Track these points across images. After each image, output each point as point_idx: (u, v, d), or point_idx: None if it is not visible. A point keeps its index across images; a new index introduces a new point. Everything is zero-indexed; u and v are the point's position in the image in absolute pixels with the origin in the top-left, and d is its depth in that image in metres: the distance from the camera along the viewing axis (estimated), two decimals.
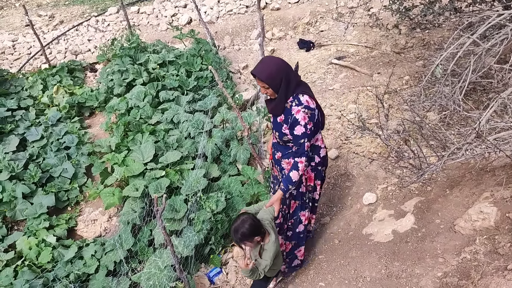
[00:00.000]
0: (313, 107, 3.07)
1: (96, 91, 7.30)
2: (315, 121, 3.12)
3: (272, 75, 2.97)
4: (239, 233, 2.90)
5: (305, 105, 3.01)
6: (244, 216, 2.96)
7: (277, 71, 2.97)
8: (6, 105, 6.83)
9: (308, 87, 3.18)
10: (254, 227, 2.93)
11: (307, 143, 3.09)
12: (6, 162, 5.70)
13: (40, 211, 5.33)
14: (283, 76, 2.98)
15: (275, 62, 3.02)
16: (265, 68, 2.99)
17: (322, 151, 3.43)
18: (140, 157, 5.35)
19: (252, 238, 2.93)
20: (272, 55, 3.11)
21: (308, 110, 3.01)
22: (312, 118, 3.06)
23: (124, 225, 4.85)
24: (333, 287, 3.71)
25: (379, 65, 6.88)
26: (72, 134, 6.45)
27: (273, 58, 3.08)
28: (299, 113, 3.00)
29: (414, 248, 3.66)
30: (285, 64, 3.03)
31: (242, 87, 7.23)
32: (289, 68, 3.04)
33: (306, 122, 3.01)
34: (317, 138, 3.37)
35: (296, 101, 3.04)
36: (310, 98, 3.07)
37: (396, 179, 4.48)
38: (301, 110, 3.00)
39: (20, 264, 4.75)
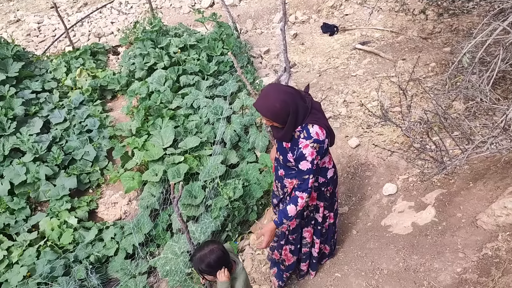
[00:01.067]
0: (323, 139, 2.79)
1: (118, 74, 7.34)
2: (323, 151, 2.90)
3: (277, 112, 2.70)
4: (204, 263, 2.60)
5: (314, 138, 2.75)
6: (214, 245, 2.65)
7: (282, 108, 2.68)
8: (31, 88, 6.93)
9: (320, 111, 2.91)
10: (221, 260, 2.63)
11: (312, 180, 2.85)
12: (30, 144, 5.81)
13: (63, 193, 5.44)
14: (289, 110, 2.69)
15: (278, 98, 2.68)
16: (269, 105, 2.70)
17: (329, 172, 3.21)
18: (159, 142, 5.37)
19: (215, 270, 2.63)
20: (275, 85, 2.90)
21: (317, 144, 2.76)
22: (320, 151, 2.82)
23: (143, 209, 4.91)
24: (349, 278, 3.68)
25: (405, 51, 6.68)
26: (94, 117, 6.53)
27: (276, 92, 2.72)
28: (307, 148, 2.76)
29: (434, 241, 3.58)
30: (291, 97, 2.70)
31: (263, 72, 7.15)
32: (297, 99, 2.72)
33: (313, 158, 2.78)
34: (324, 161, 3.15)
35: (305, 132, 2.78)
36: (320, 128, 2.78)
37: (418, 170, 4.38)
38: (309, 145, 2.75)
39: (42, 245, 4.88)
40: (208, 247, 2.62)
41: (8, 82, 6.78)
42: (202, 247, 2.65)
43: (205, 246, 2.64)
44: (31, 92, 6.83)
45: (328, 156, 3.19)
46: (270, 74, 6.94)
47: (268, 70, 7.27)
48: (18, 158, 5.75)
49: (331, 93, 6.21)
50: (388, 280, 3.48)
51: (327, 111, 5.75)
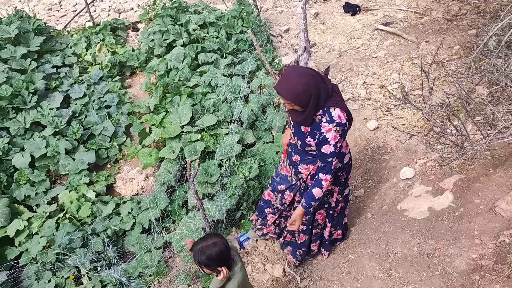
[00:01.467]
0: (344, 122, 2.75)
1: (137, 51, 7.35)
2: (345, 135, 2.86)
3: (299, 94, 2.65)
4: (205, 254, 2.48)
5: (337, 122, 2.70)
6: (218, 238, 2.54)
7: (305, 91, 2.63)
8: (51, 62, 7.00)
9: (338, 94, 2.85)
10: (223, 255, 2.52)
11: (335, 162, 2.84)
12: (51, 118, 5.89)
13: (81, 167, 5.52)
14: (312, 93, 2.64)
15: (300, 80, 2.63)
16: (290, 88, 2.65)
17: (346, 157, 3.20)
18: (177, 120, 5.39)
19: (215, 266, 2.53)
20: (297, 67, 2.79)
21: (339, 128, 2.72)
22: (343, 134, 2.78)
23: (159, 186, 4.96)
24: (362, 261, 3.68)
25: (428, 33, 6.52)
26: (113, 93, 6.57)
27: (298, 75, 2.66)
28: (330, 132, 2.71)
29: (450, 227, 3.55)
30: (312, 78, 2.65)
31: (283, 51, 7.07)
32: (319, 82, 2.67)
33: (336, 141, 2.74)
34: (342, 145, 3.07)
35: (327, 116, 2.73)
36: (341, 111, 2.74)
37: (437, 155, 4.31)
38: (332, 129, 2.70)
39: (61, 217, 4.98)
40: (211, 239, 2.52)
41: (30, 56, 6.85)
42: (205, 238, 2.56)
43: (209, 237, 2.55)
44: (52, 66, 6.89)
45: (345, 141, 3.17)
46: (289, 54, 6.85)
47: (288, 49, 7.18)
48: (39, 132, 5.84)
49: (351, 75, 6.12)
50: (401, 263, 3.47)
51: (346, 93, 5.68)
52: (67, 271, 4.40)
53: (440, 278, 3.21)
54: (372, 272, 3.53)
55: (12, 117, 5.95)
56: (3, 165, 5.47)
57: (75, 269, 4.44)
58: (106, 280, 4.24)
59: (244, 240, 4.35)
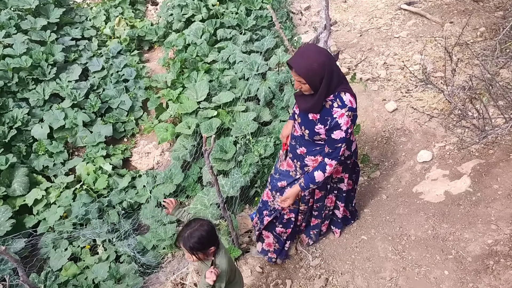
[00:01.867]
0: (355, 107, 2.71)
1: (156, 25, 7.31)
2: (355, 121, 2.81)
3: (313, 72, 2.56)
4: (196, 237, 2.42)
5: (349, 106, 2.65)
6: (201, 220, 2.51)
7: (319, 69, 2.55)
8: (71, 34, 7.01)
9: (346, 80, 2.78)
10: (212, 234, 2.48)
11: (343, 148, 2.79)
12: (69, 90, 5.93)
13: (99, 139, 5.59)
14: (325, 74, 2.56)
15: (317, 59, 2.56)
16: (306, 63, 2.56)
17: (353, 145, 3.17)
18: (194, 95, 5.38)
19: (207, 247, 2.48)
20: (315, 45, 2.78)
21: (351, 113, 2.67)
22: (354, 120, 2.74)
23: (175, 161, 4.99)
24: (375, 242, 3.67)
25: (453, 14, 6.33)
26: (131, 67, 6.58)
27: (316, 52, 2.60)
28: (343, 117, 2.65)
29: (466, 212, 3.50)
30: (328, 59, 2.59)
31: (302, 29, 6.96)
32: (333, 64, 2.62)
33: (348, 126, 2.68)
34: (352, 131, 3.04)
35: (339, 101, 2.66)
36: (352, 96, 2.69)
37: (456, 139, 4.23)
38: (345, 114, 2.64)
39: (78, 188, 5.06)
40: (196, 223, 2.49)
41: (49, 28, 6.87)
42: (189, 224, 2.51)
43: (192, 222, 2.51)
44: (71, 39, 6.91)
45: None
46: (309, 32, 6.74)
47: (308, 27, 7.06)
48: (58, 103, 5.90)
49: (371, 55, 6.00)
50: (415, 246, 3.45)
51: (366, 73, 5.59)
52: (83, 241, 4.49)
53: (454, 262, 3.19)
54: (384, 253, 3.52)
55: (32, 88, 6.01)
56: (23, 136, 5.56)
57: (90, 239, 4.53)
58: (120, 251, 4.32)
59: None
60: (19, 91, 5.96)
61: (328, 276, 3.55)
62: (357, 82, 5.31)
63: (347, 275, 3.51)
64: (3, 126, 5.46)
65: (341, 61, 5.95)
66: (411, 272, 3.27)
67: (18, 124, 5.52)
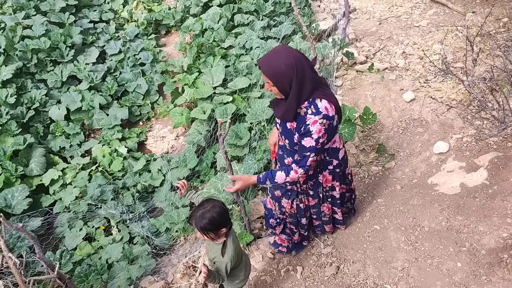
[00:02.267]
0: (332, 115, 2.55)
1: (173, 9, 7.31)
2: (332, 129, 2.64)
3: (280, 74, 2.41)
4: (207, 219, 2.43)
5: (324, 114, 2.49)
6: (214, 201, 2.51)
7: (287, 71, 2.39)
8: (89, 17, 7.05)
9: (326, 85, 2.63)
10: (224, 216, 2.48)
11: (312, 158, 2.63)
12: (87, 72, 5.98)
13: (115, 122, 5.63)
14: (293, 78, 2.40)
15: (286, 60, 2.38)
16: (273, 64, 2.41)
17: (340, 152, 3.00)
18: (210, 80, 5.38)
19: (218, 228, 2.49)
20: (288, 47, 2.52)
21: (326, 121, 2.51)
22: (329, 129, 2.58)
23: (189, 145, 5.02)
24: (388, 232, 3.65)
25: (475, 3, 6.19)
26: (148, 51, 6.59)
27: (286, 54, 2.42)
28: (315, 124, 2.50)
29: (482, 204, 3.46)
30: (300, 64, 2.40)
31: (320, 16, 6.88)
32: (305, 68, 2.43)
33: (319, 135, 2.52)
34: (335, 140, 2.90)
35: (313, 108, 2.50)
36: (329, 103, 2.53)
37: (474, 131, 4.16)
38: (318, 121, 2.49)
39: (94, 169, 5.13)
40: (209, 204, 2.49)
41: (68, 9, 6.92)
42: (202, 204, 2.51)
43: (205, 203, 2.51)
44: (89, 21, 6.96)
45: (338, 135, 2.96)
46: (327, 19, 6.66)
47: (326, 14, 6.98)
48: (75, 85, 5.96)
49: (390, 43, 5.91)
50: (428, 237, 3.43)
51: (384, 62, 5.51)
52: (97, 221, 4.56)
53: (467, 254, 3.16)
54: (397, 243, 3.51)
55: (50, 70, 6.08)
56: (40, 116, 5.64)
57: (105, 220, 4.59)
58: (134, 232, 4.38)
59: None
60: (38, 72, 6.04)
61: (339, 264, 3.55)
62: (375, 72, 5.25)
63: (358, 264, 3.50)
64: (22, 107, 5.54)
65: (359, 49, 5.88)
66: (423, 263, 3.25)
67: (36, 105, 5.60)
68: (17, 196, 4.55)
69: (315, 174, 3.05)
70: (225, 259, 2.60)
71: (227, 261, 2.60)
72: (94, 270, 3.97)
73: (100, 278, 3.94)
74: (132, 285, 3.82)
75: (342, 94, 5.24)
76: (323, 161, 2.97)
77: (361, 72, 5.40)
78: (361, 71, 5.38)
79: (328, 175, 3.07)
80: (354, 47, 5.93)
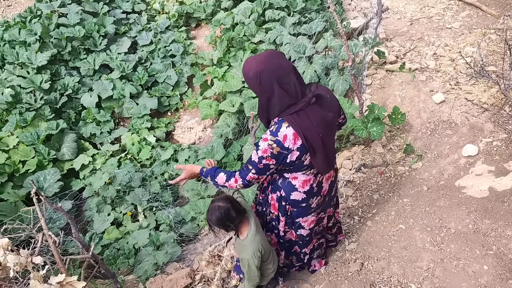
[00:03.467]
0: (288, 147, 2.24)
1: (204, 2, 7.38)
2: (283, 160, 2.30)
3: (247, 79, 2.23)
4: (214, 218, 2.48)
5: (278, 139, 2.23)
6: (221, 201, 2.50)
7: (252, 78, 2.20)
8: (122, 7, 7.19)
9: (308, 112, 2.26)
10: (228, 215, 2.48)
11: (251, 175, 2.37)
12: (118, 62, 6.11)
13: (144, 112, 5.75)
14: (257, 88, 2.21)
15: (256, 67, 2.17)
16: (246, 66, 2.21)
17: (295, 194, 2.59)
18: (239, 74, 5.44)
19: (226, 227, 2.52)
20: (276, 55, 2.21)
21: (276, 146, 2.23)
22: (277, 157, 2.27)
23: (217, 137, 5.09)
24: (413, 232, 3.66)
25: (510, 6, 6.10)
26: (178, 43, 6.69)
27: (262, 60, 2.19)
28: (265, 142, 2.25)
29: (511, 209, 3.44)
30: (269, 74, 2.15)
31: (351, 15, 6.87)
32: (272, 82, 2.17)
33: (263, 155, 2.26)
34: (296, 177, 2.52)
35: (275, 128, 2.26)
36: (294, 134, 2.23)
37: (505, 135, 4.13)
38: (268, 141, 2.24)
39: (123, 157, 5.26)
40: (218, 202, 2.48)
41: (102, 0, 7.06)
42: (213, 201, 2.52)
43: (216, 201, 2.51)
44: (122, 12, 7.09)
45: (306, 178, 2.54)
46: (358, 17, 6.65)
47: (357, 13, 6.96)
48: (107, 74, 6.10)
49: (421, 44, 5.87)
50: (454, 239, 3.42)
51: (414, 63, 5.48)
52: (125, 207, 4.68)
53: (494, 257, 3.15)
54: (422, 244, 3.51)
55: (83, 58, 6.23)
56: (73, 103, 5.79)
57: (132, 207, 4.71)
58: (160, 219, 4.48)
59: None
60: (71, 60, 6.19)
61: (364, 261, 3.58)
62: (405, 71, 5.23)
63: (382, 262, 3.52)
64: (55, 93, 5.70)
65: (389, 49, 5.86)
66: (449, 264, 3.25)
67: (69, 92, 5.75)
68: (49, 179, 4.70)
69: (266, 190, 2.79)
70: (246, 256, 2.63)
71: (248, 258, 2.62)
72: (122, 254, 4.08)
73: (127, 262, 4.05)
74: (158, 270, 3.92)
75: (371, 93, 5.24)
76: (275, 182, 2.65)
77: (391, 72, 5.39)
78: (391, 71, 5.37)
79: (275, 200, 2.73)
80: (384, 46, 5.91)
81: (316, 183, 2.60)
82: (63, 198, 4.67)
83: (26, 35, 6.18)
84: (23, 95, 5.52)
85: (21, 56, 5.88)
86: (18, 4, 7.86)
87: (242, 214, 2.59)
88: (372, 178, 4.45)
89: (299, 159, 2.34)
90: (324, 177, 2.66)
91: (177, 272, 3.81)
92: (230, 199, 2.56)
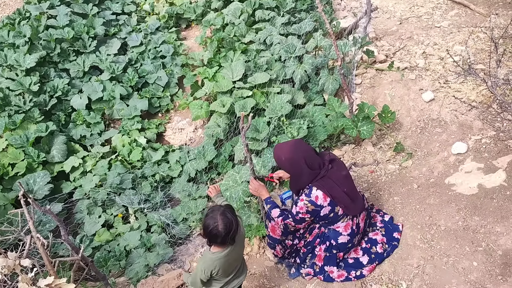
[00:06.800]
0: (320, 204, 3.05)
1: (194, 3, 7.37)
2: (317, 215, 3.11)
3: (280, 163, 3.11)
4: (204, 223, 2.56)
5: (311, 199, 3.04)
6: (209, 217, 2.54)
7: (285, 163, 3.08)
8: (111, 9, 7.16)
9: (338, 179, 3.12)
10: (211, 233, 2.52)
11: (290, 221, 3.17)
12: (108, 63, 6.08)
13: (134, 113, 5.73)
14: (290, 170, 3.10)
15: (285, 154, 3.06)
16: (277, 152, 3.11)
17: (341, 238, 3.30)
18: (229, 75, 5.43)
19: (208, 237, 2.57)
20: (301, 144, 3.18)
21: (310, 205, 3.05)
22: (313, 213, 3.09)
23: (208, 138, 5.08)
24: (404, 229, 3.68)
25: (499, 5, 6.15)
26: (169, 44, 6.67)
27: (291, 148, 3.07)
28: (302, 201, 3.07)
29: (499, 206, 3.47)
30: (297, 157, 3.03)
31: (341, 14, 6.89)
32: (301, 164, 3.03)
33: (299, 211, 3.09)
34: (338, 226, 3.26)
35: (307, 191, 3.08)
36: (323, 195, 3.04)
37: (493, 132, 4.16)
38: (304, 200, 3.06)
39: (114, 158, 5.23)
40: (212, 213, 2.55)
41: (91, 1, 7.02)
42: (207, 214, 2.58)
43: (211, 211, 2.57)
44: (112, 13, 7.06)
45: (346, 223, 3.26)
46: (348, 17, 6.67)
47: (346, 12, 6.99)
48: (96, 76, 6.07)
49: (410, 43, 5.91)
50: (444, 236, 3.45)
51: (404, 62, 5.51)
52: (116, 209, 4.65)
53: (483, 254, 3.18)
54: (412, 241, 3.53)
55: (72, 59, 6.19)
56: (62, 105, 5.75)
57: (123, 208, 4.69)
58: (152, 221, 4.46)
59: (286, 198, 4.42)
60: (60, 62, 6.15)
61: None
62: (394, 70, 5.25)
63: None
64: (45, 95, 5.66)
65: (379, 48, 5.88)
66: (439, 261, 3.28)
67: (59, 94, 5.71)
68: (39, 182, 4.67)
69: (313, 243, 3.41)
70: (199, 266, 2.66)
71: (199, 268, 2.65)
72: (113, 256, 4.06)
73: (118, 264, 4.03)
74: (149, 271, 3.91)
75: (361, 92, 5.26)
76: (324, 235, 3.34)
77: (380, 71, 5.42)
78: (381, 70, 5.40)
79: (322, 251, 3.38)
80: (374, 46, 5.93)
81: (355, 225, 3.30)
82: (53, 201, 4.64)
83: (15, 37, 6.13)
84: (12, 98, 5.48)
85: (9, 58, 5.83)
86: (6, 6, 7.80)
87: (232, 241, 2.60)
88: (363, 177, 4.47)
89: (332, 212, 3.12)
90: (359, 219, 3.35)
91: (168, 273, 3.80)
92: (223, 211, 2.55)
